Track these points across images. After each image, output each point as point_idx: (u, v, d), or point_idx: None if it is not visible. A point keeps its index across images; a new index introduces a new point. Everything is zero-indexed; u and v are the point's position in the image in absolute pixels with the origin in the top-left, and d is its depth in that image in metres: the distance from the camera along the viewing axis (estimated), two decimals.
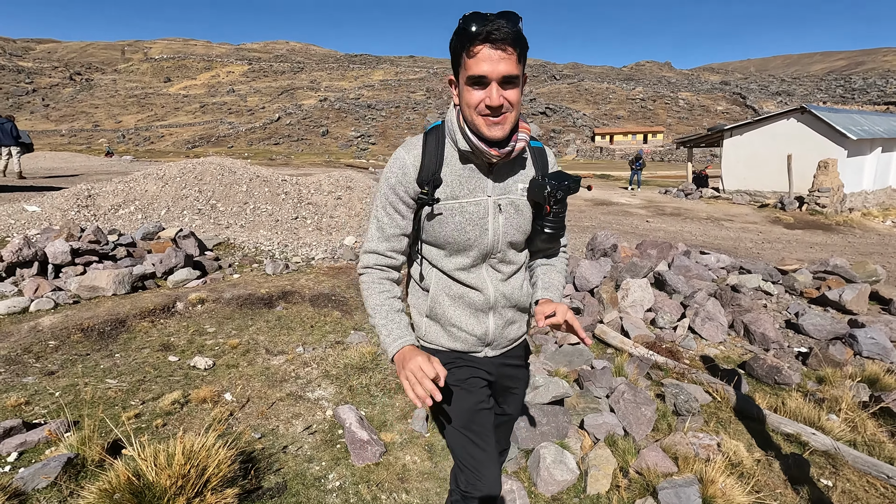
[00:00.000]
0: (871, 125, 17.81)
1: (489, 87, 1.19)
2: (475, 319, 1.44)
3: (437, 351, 1.47)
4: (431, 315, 1.46)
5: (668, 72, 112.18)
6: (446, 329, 1.45)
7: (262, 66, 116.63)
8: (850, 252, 10.05)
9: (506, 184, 1.38)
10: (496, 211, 1.36)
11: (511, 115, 1.24)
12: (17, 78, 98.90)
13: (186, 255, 5.38)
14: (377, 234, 1.39)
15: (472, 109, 1.23)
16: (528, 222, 1.41)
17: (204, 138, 62.03)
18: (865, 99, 72.72)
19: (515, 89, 1.21)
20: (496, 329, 1.46)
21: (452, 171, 1.35)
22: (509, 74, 1.18)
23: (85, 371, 3.33)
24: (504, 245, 1.40)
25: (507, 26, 1.14)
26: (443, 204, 1.33)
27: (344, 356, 3.68)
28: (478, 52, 1.16)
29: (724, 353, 4.32)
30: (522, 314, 1.54)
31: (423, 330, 1.48)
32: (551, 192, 1.32)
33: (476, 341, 1.46)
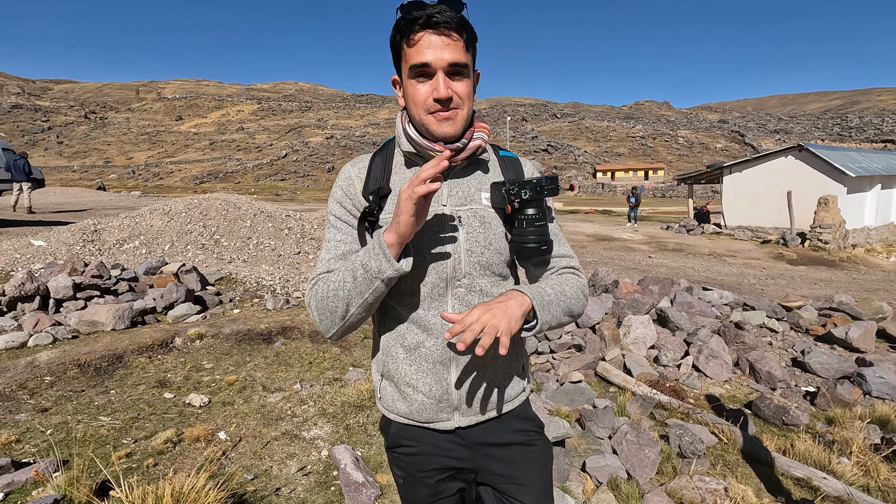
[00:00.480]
0: (870, 162, 18.01)
1: (435, 77, 1.03)
2: (433, 375, 1.14)
3: (392, 422, 1.22)
4: (385, 372, 1.20)
5: (667, 110, 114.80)
6: (400, 390, 1.18)
7: (270, 105, 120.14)
8: (855, 288, 9.96)
9: (465, 192, 1.15)
10: (455, 223, 1.13)
11: (462, 111, 1.07)
12: (33, 116, 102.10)
13: (188, 290, 5.39)
14: (327, 255, 1.14)
15: (419, 107, 1.06)
16: (499, 238, 1.14)
17: (212, 174, 63.27)
18: (862, 137, 73.84)
19: (465, 80, 1.06)
20: (462, 387, 1.15)
21: (401, 179, 1.15)
22: (456, 62, 1.02)
23: (79, 408, 3.29)
24: (470, 266, 1.12)
25: (449, 10, 1.01)
26: (389, 216, 1.10)
27: (342, 394, 3.62)
28: (419, 39, 1.02)
29: (730, 392, 4.23)
30: (507, 368, 1.21)
31: (380, 392, 1.23)
32: (510, 189, 1.08)
33: (434, 405, 1.15)
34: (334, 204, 1.17)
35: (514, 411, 1.23)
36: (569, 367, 4.22)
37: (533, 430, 1.24)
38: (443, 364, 1.14)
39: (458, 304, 1.13)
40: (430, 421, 1.17)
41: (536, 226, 1.09)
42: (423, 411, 1.16)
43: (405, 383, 1.16)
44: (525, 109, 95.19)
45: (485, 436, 1.19)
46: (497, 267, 1.16)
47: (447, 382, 1.14)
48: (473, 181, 1.16)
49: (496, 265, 1.15)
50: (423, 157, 1.13)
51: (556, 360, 4.50)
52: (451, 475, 1.20)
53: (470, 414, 1.17)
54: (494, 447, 1.19)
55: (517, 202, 1.08)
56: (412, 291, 1.12)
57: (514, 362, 1.23)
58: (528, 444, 1.22)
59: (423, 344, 1.13)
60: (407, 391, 1.16)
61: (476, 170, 1.18)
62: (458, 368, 1.15)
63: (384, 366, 1.20)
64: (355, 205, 1.15)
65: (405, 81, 1.08)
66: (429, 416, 1.16)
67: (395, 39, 1.07)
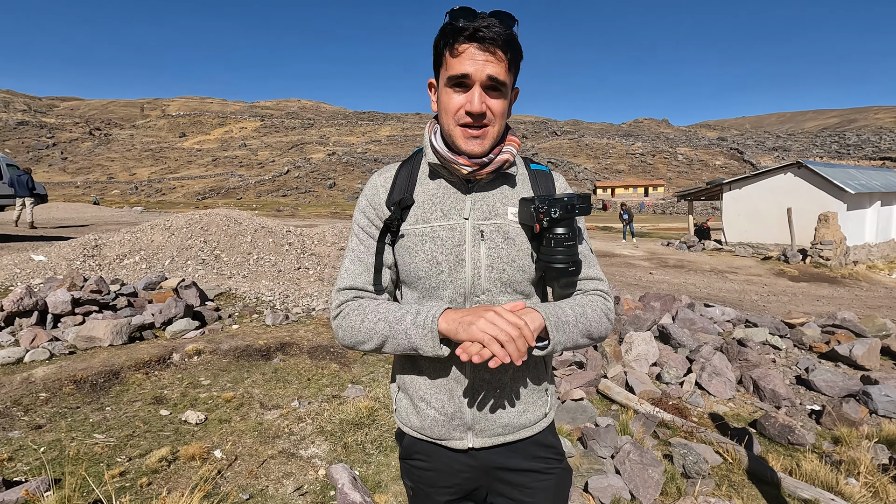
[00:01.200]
0: (869, 179, 18.10)
1: (471, 90, 1.00)
2: (446, 392, 1.11)
3: (407, 435, 1.19)
4: (402, 384, 1.19)
5: (666, 128, 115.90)
6: (414, 404, 1.15)
7: (273, 122, 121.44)
8: (858, 305, 9.91)
9: (490, 205, 1.11)
10: (476, 237, 1.08)
11: (493, 129, 1.04)
12: (39, 133, 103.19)
13: (187, 306, 5.36)
14: (352, 266, 1.12)
15: (450, 117, 1.04)
16: (524, 255, 1.10)
17: (214, 190, 63.65)
18: (861, 154, 74.34)
19: (502, 99, 1.03)
20: (474, 406, 1.11)
21: (425, 190, 1.13)
22: (495, 77, 0.99)
23: (73, 425, 3.24)
24: (490, 283, 1.08)
25: (499, 26, 0.98)
26: (411, 228, 1.10)
27: (340, 411, 3.58)
28: (463, 51, 0.99)
29: (734, 410, 4.17)
30: (528, 391, 1.15)
31: (396, 404, 1.22)
32: (539, 207, 1.03)
33: (446, 423, 1.12)
34: (359, 214, 1.16)
35: (535, 437, 1.16)
36: (570, 385, 4.17)
37: (553, 458, 1.18)
38: (456, 381, 1.10)
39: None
40: (442, 438, 1.13)
41: (565, 246, 1.05)
42: (434, 427, 1.13)
43: (419, 397, 1.14)
44: (525, 127, 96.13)
45: (499, 460, 1.13)
46: (519, 285, 1.11)
47: (460, 400, 1.11)
48: (499, 195, 1.13)
49: (518, 283, 1.10)
50: (447, 169, 1.11)
51: (558, 378, 4.46)
52: (462, 496, 1.17)
53: (485, 436, 1.12)
54: (509, 472, 1.14)
55: (546, 220, 1.03)
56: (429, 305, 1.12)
57: (536, 385, 1.16)
58: (545, 471, 1.16)
59: (438, 360, 1.09)
60: (420, 405, 1.14)
61: (503, 184, 1.14)
62: (472, 387, 1.11)
63: (400, 378, 1.19)
64: (378, 215, 1.13)
65: (441, 89, 1.05)
66: (441, 432, 1.13)
67: (439, 45, 1.04)
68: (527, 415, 1.14)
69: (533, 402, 1.16)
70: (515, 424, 1.13)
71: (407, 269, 1.11)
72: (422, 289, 1.11)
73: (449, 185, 1.12)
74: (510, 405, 1.13)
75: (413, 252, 1.09)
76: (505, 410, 1.12)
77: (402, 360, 1.18)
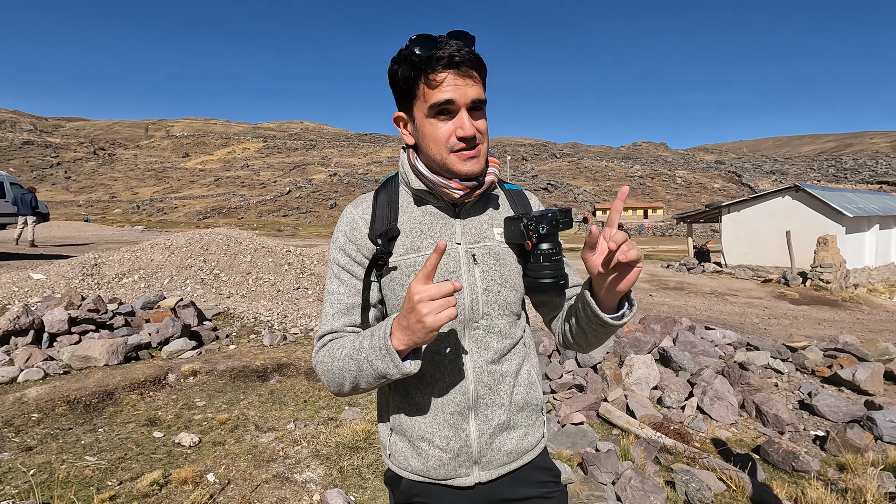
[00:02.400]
0: (866, 203, 18.20)
1: (458, 115, 1.00)
2: (450, 427, 1.05)
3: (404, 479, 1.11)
4: (396, 426, 1.11)
5: (665, 151, 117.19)
6: (414, 445, 1.08)
7: (276, 143, 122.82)
8: (860, 329, 9.84)
9: (479, 228, 1.10)
10: (470, 262, 1.07)
11: (484, 146, 1.05)
12: (43, 152, 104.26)
13: (184, 325, 5.33)
14: (331, 310, 1.06)
15: (440, 146, 1.01)
16: (515, 274, 1.10)
17: (215, 209, 63.98)
18: (858, 178, 74.98)
19: (484, 119, 1.04)
20: (482, 438, 1.06)
21: (411, 218, 1.09)
22: (478, 99, 1.00)
23: (64, 447, 3.18)
24: (488, 306, 1.07)
25: (465, 47, 0.99)
26: (401, 259, 1.05)
27: (336, 434, 3.52)
28: (442, 80, 0.98)
29: (737, 435, 4.10)
30: (528, 414, 1.12)
31: (389, 448, 1.12)
32: (528, 224, 1.04)
33: (452, 460, 1.06)
34: (337, 252, 1.09)
35: (535, 461, 1.14)
36: (570, 408, 4.12)
37: (552, 481, 1.15)
38: (461, 413, 1.05)
39: (475, 346, 1.06)
40: (447, 478, 1.06)
41: (553, 261, 1.05)
42: (440, 468, 1.06)
43: (419, 437, 1.06)
44: (525, 149, 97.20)
45: (505, 491, 1.10)
46: (513, 305, 1.10)
47: (466, 434, 1.05)
48: (486, 217, 1.12)
49: (513, 303, 1.10)
50: (434, 196, 1.08)
51: (558, 401, 4.40)
52: None
53: (491, 467, 1.08)
54: (512, 502, 1.11)
55: (535, 237, 1.04)
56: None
57: (534, 406, 1.14)
58: (547, 496, 1.13)
59: (438, 393, 1.05)
60: (422, 446, 1.06)
61: (487, 206, 1.14)
62: (477, 417, 1.06)
63: (395, 420, 1.10)
64: (360, 250, 1.07)
65: (421, 120, 1.03)
66: (446, 472, 1.06)
67: (409, 77, 1.01)
68: (528, 438, 1.12)
69: (532, 423, 1.13)
70: (518, 450, 1.10)
71: (399, 304, 1.04)
72: None
73: (437, 210, 1.10)
74: (515, 430, 1.10)
75: (405, 284, 1.04)
76: (509, 436, 1.09)
77: (393, 397, 1.10)
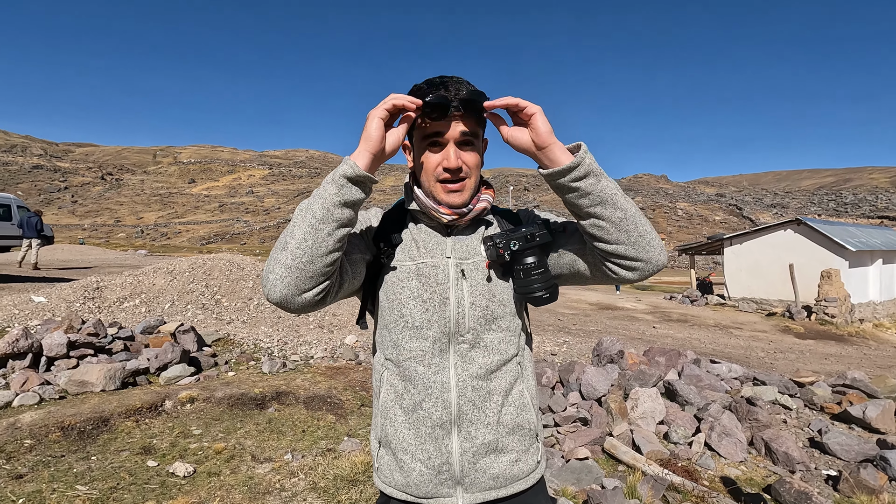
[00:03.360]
0: (868, 237, 18.22)
1: (446, 148, 1.06)
2: (432, 441, 1.05)
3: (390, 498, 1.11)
4: (383, 438, 1.12)
5: (665, 184, 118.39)
6: (398, 458, 1.08)
7: (281, 170, 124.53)
8: (868, 365, 9.69)
9: (468, 245, 1.14)
10: (458, 275, 1.10)
11: (470, 181, 1.10)
12: (52, 176, 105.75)
13: (183, 351, 5.28)
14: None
15: (429, 174, 1.09)
16: (502, 290, 1.12)
17: (219, 235, 64.34)
18: (858, 213, 75.32)
19: (475, 153, 1.09)
20: (464, 456, 1.04)
21: (408, 232, 1.16)
22: (466, 131, 1.06)
23: (56, 475, 3.10)
24: (474, 321, 1.08)
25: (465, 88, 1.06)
26: (399, 263, 1.12)
27: (335, 465, 3.43)
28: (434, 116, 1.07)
29: (746, 473, 3.98)
30: (519, 438, 1.10)
31: (377, 461, 1.14)
32: (497, 243, 1.07)
33: (433, 477, 1.05)
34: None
35: (530, 492, 1.11)
36: (574, 443, 4.01)
37: None
38: (443, 428, 1.05)
39: (460, 360, 1.07)
40: (428, 496, 1.05)
41: (535, 275, 1.06)
42: (420, 483, 1.05)
43: (403, 450, 1.07)
44: (527, 180, 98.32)
45: None
46: (503, 321, 1.11)
47: (447, 450, 1.05)
48: (476, 237, 1.16)
49: (502, 318, 1.11)
50: (427, 216, 1.15)
51: (561, 435, 4.29)
52: None
53: (475, 490, 1.06)
54: None
55: (508, 254, 1.06)
56: (412, 346, 1.08)
57: (527, 428, 1.11)
58: None
59: (421, 405, 1.05)
60: (404, 459, 1.07)
61: (479, 227, 1.19)
62: (460, 433, 1.05)
63: (382, 430, 1.11)
64: (368, 244, 1.14)
65: (417, 148, 1.13)
66: (427, 489, 1.05)
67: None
68: (519, 464, 1.09)
69: (525, 448, 1.10)
70: (508, 476, 1.07)
71: (390, 306, 1.10)
72: (403, 328, 1.09)
73: (430, 229, 1.16)
74: (502, 453, 1.08)
75: (398, 288, 1.10)
76: (497, 459, 1.07)
77: (385, 411, 1.11)
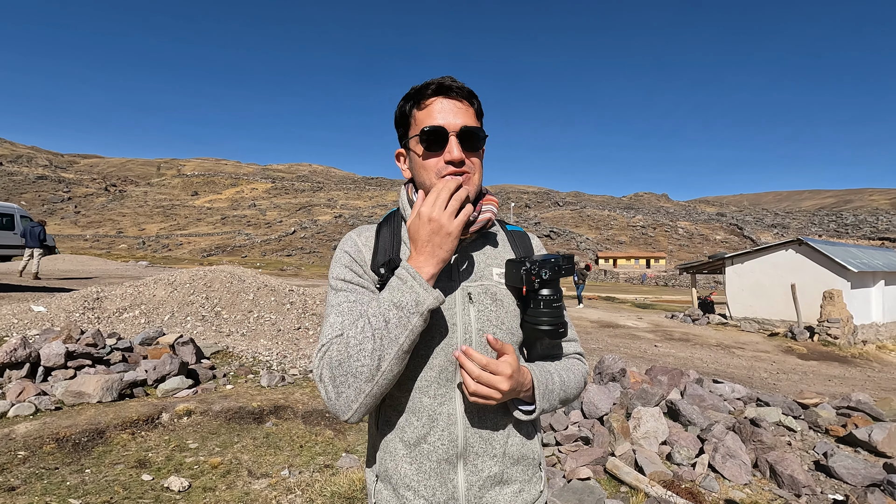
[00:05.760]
0: (870, 258, 18.18)
1: (448, 143, 1.00)
2: (437, 477, 0.99)
3: None
4: (381, 473, 1.05)
5: (666, 202, 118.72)
6: (399, 494, 1.01)
7: (284, 184, 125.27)
8: (872, 387, 9.59)
9: (477, 267, 1.07)
10: (465, 301, 1.03)
11: (475, 176, 1.04)
12: (56, 187, 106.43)
13: (182, 363, 5.24)
14: (340, 318, 0.98)
15: (430, 173, 1.02)
16: (512, 317, 1.06)
17: (220, 247, 64.46)
18: (859, 234, 75.39)
19: (476, 155, 1.05)
20: (470, 490, 1.00)
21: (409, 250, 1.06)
22: (468, 126, 1.01)
23: (48, 488, 3.05)
24: (481, 348, 1.03)
25: (459, 82, 1.03)
26: None
27: (332, 482, 3.37)
28: (430, 103, 1.02)
29: (751, 497, 3.91)
30: (524, 468, 1.07)
31: (374, 496, 1.06)
32: (530, 269, 1.00)
33: None
34: (342, 269, 1.05)
35: None
36: (576, 462, 3.95)
37: None
38: (448, 462, 0.99)
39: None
40: None
41: (553, 307, 1.02)
42: None
43: (404, 486, 1.00)
44: (528, 197, 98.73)
45: None
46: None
47: (453, 485, 0.99)
48: (483, 256, 1.09)
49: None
50: None
51: (563, 454, 4.23)
52: None
53: None
54: None
55: (537, 282, 1.01)
56: (415, 376, 1.00)
57: (531, 460, 1.08)
58: None
59: (426, 438, 0.99)
60: (406, 495, 1.00)
61: (485, 244, 1.11)
62: (466, 467, 1.00)
63: (381, 465, 1.04)
64: (366, 272, 1.05)
65: (414, 148, 1.05)
66: None
67: (404, 109, 1.06)
68: (523, 495, 1.05)
69: (528, 479, 1.07)
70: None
71: None
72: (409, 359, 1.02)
73: None
74: (507, 486, 1.04)
75: None
76: (502, 491, 1.03)
77: (385, 445, 1.05)
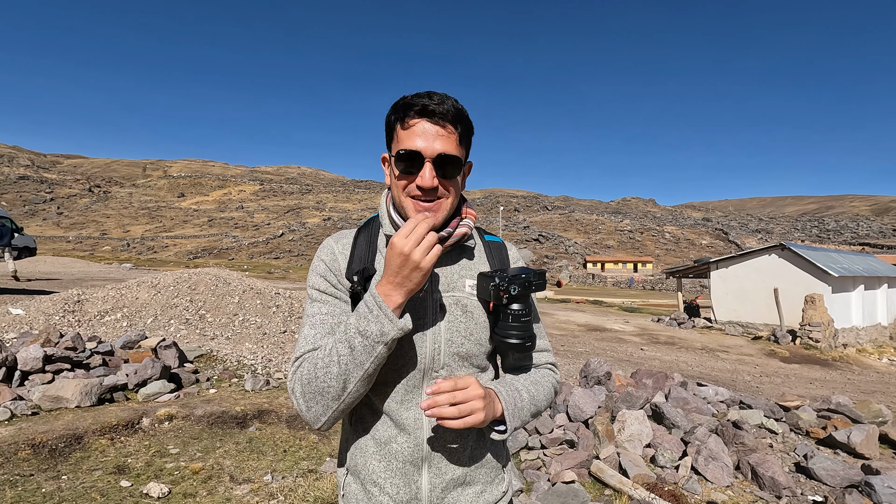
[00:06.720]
0: (851, 263, 18.54)
1: (423, 166, 1.00)
2: (401, 476, 1.04)
3: None
4: (352, 467, 1.09)
5: (653, 207, 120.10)
6: (366, 489, 1.06)
7: (272, 186, 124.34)
8: (852, 390, 9.77)
9: (449, 279, 1.08)
10: (436, 311, 1.05)
11: (446, 201, 1.04)
12: (38, 187, 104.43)
13: (164, 367, 5.16)
14: (313, 331, 1.02)
15: (400, 189, 1.04)
16: (481, 329, 1.08)
17: (206, 250, 63.69)
18: (840, 239, 76.93)
19: (454, 176, 1.04)
20: (433, 491, 1.04)
21: (384, 258, 1.06)
22: (447, 154, 1.00)
23: (22, 495, 2.98)
24: (449, 357, 1.05)
25: (448, 102, 1.02)
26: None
27: (315, 487, 3.34)
28: (413, 125, 1.01)
29: (733, 498, 3.95)
30: (487, 471, 1.11)
31: (343, 489, 1.11)
32: (499, 285, 1.01)
33: None
34: (317, 278, 1.08)
35: None
36: (561, 465, 3.96)
37: None
38: (413, 464, 1.04)
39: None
40: None
41: (521, 322, 1.04)
42: None
43: (371, 481, 1.05)
44: (517, 201, 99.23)
45: None
46: (476, 359, 1.09)
47: (417, 485, 1.04)
48: (457, 268, 1.11)
49: (475, 356, 1.09)
50: None
51: (548, 457, 4.24)
52: None
53: None
54: None
55: (506, 297, 1.02)
56: (386, 381, 1.03)
57: (495, 465, 1.13)
58: None
59: (394, 439, 1.04)
60: (372, 491, 1.05)
61: (461, 256, 1.12)
62: (430, 470, 1.04)
63: (351, 459, 1.09)
64: (340, 282, 1.07)
65: (392, 164, 1.06)
66: None
67: (391, 119, 1.06)
68: (485, 496, 1.09)
69: (490, 480, 1.11)
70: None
71: None
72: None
73: None
74: (470, 488, 1.08)
75: None
76: (464, 492, 1.07)
77: (354, 440, 1.09)
